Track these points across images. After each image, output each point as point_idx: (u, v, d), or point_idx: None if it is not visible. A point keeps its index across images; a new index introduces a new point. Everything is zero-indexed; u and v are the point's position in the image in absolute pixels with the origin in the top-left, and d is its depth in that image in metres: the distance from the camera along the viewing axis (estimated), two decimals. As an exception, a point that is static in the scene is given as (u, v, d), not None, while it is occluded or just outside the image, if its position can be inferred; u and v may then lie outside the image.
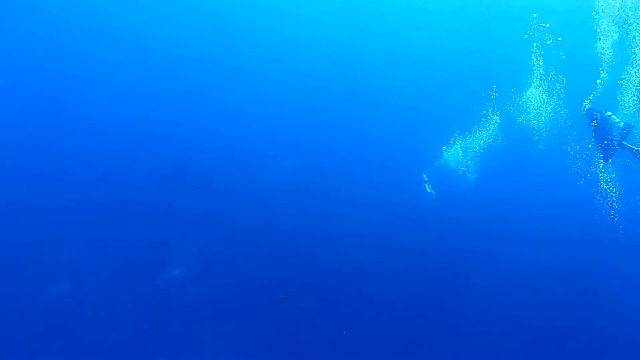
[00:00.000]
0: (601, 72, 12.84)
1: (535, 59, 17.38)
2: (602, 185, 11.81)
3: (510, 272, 15.87)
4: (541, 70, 17.47)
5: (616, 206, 11.90)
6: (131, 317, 11.73)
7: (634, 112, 11.66)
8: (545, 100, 18.16)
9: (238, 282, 13.03)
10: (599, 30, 13.02)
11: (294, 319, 12.51)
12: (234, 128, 17.71)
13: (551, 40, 16.94)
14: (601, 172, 11.43)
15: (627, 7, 12.58)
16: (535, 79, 17.38)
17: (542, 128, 17.65)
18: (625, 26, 12.44)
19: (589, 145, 11.90)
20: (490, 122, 18.52)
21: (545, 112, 17.91)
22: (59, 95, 16.42)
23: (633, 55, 11.93)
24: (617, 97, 11.95)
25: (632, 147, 10.65)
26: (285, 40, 20.16)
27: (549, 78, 17.42)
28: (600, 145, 10.88)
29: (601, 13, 13.25)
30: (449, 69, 21.68)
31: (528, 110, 18.17)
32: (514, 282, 15.39)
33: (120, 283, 12.23)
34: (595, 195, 11.88)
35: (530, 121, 18.33)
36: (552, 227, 18.12)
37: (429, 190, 18.39)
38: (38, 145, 14.78)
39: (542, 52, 16.68)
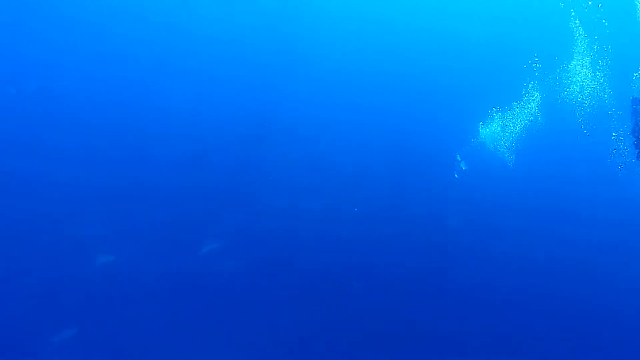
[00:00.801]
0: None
1: (575, 27, 16.51)
2: None
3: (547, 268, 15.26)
4: (583, 41, 16.63)
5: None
6: (172, 291, 11.93)
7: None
8: (589, 75, 17.33)
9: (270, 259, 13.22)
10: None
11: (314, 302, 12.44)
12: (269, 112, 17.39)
13: (590, 2, 15.81)
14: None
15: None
16: (578, 49, 16.56)
17: (586, 106, 16.72)
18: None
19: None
20: (530, 98, 17.82)
21: (589, 87, 17.11)
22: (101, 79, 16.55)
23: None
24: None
25: None
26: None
27: (594, 49, 16.58)
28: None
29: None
30: (485, 40, 20.74)
31: (570, 85, 17.40)
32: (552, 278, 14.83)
33: (161, 258, 12.41)
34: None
35: (573, 97, 17.55)
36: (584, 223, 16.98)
37: (464, 168, 17.84)
38: (77, 127, 14.95)
39: (582, 19, 15.84)
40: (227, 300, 11.93)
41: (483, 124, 18.36)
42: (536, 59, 17.15)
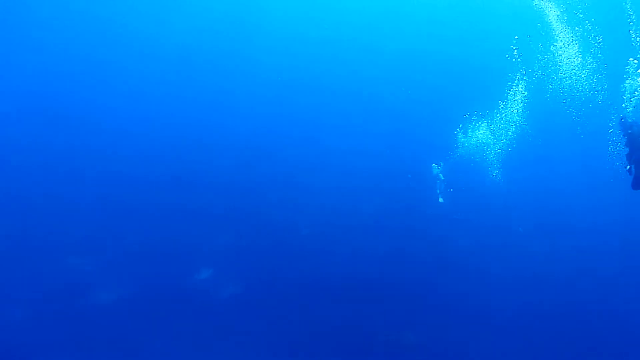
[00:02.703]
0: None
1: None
2: None
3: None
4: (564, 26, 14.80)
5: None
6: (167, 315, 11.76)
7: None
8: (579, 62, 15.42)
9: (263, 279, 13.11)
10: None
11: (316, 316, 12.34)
12: (260, 127, 17.37)
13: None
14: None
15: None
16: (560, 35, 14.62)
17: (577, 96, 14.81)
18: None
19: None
20: (515, 94, 15.66)
21: (580, 76, 15.18)
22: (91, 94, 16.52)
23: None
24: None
25: None
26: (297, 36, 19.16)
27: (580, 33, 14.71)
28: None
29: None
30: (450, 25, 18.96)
31: (559, 74, 15.44)
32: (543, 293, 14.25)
33: (155, 283, 12.25)
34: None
35: (563, 88, 15.59)
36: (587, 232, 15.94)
37: (441, 200, 15.88)
38: (63, 145, 14.89)
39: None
40: (224, 321, 11.89)
41: (466, 132, 16.24)
42: (514, 49, 15.15)
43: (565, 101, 15.94)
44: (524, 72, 15.50)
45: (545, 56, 15.44)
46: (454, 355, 12.36)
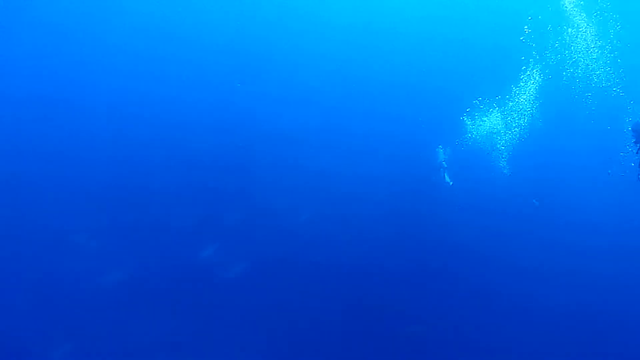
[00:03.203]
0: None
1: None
2: None
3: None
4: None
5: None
6: (173, 295, 11.73)
7: None
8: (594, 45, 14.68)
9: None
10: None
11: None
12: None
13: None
14: None
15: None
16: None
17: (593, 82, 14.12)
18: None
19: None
20: (529, 80, 14.78)
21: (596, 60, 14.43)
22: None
23: None
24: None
25: None
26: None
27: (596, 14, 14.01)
28: None
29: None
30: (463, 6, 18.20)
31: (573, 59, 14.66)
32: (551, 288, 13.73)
33: (161, 262, 12.19)
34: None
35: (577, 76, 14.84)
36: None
37: (448, 180, 15.25)
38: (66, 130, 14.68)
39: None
40: (229, 301, 11.79)
41: (474, 119, 15.35)
42: (527, 30, 14.34)
43: (588, 94, 15.16)
44: (538, 56, 14.70)
45: (557, 43, 14.73)
46: (459, 343, 12.09)
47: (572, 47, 14.59)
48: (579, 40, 14.41)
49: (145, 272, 11.79)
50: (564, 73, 14.99)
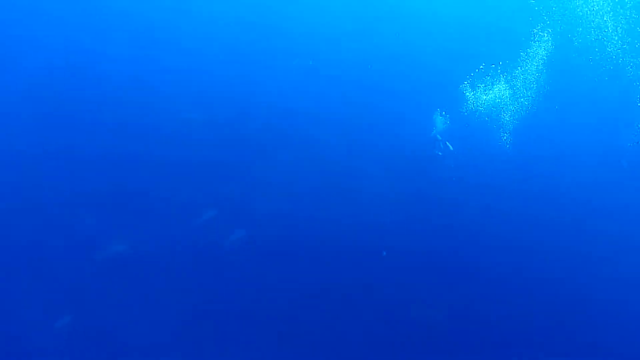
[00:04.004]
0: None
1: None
2: None
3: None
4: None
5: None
6: (172, 263, 11.66)
7: None
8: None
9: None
10: None
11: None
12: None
13: None
14: None
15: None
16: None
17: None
18: None
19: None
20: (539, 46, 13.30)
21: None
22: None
23: None
24: None
25: None
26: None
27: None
28: None
29: None
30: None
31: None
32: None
33: (158, 231, 12.11)
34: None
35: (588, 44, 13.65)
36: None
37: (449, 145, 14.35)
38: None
39: None
40: (228, 271, 11.69)
41: (475, 87, 13.88)
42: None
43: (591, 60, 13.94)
44: (549, 21, 13.28)
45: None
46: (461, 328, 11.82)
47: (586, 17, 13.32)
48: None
49: (143, 245, 11.70)
50: (572, 42, 13.69)
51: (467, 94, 13.63)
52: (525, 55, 13.10)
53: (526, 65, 13.15)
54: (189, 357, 10.20)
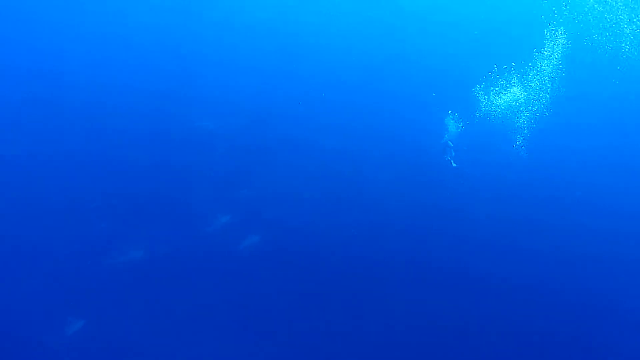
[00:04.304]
0: None
1: None
2: None
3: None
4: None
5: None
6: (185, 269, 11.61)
7: None
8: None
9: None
10: None
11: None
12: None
13: None
14: None
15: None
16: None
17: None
18: None
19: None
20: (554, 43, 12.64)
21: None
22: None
23: None
24: None
25: None
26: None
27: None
28: None
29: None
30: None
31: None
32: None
33: (172, 237, 12.08)
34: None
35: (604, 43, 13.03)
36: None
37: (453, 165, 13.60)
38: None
39: None
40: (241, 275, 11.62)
41: (489, 90, 13.20)
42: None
43: (617, 67, 13.29)
44: (562, 19, 12.67)
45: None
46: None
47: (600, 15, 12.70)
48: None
49: (159, 250, 11.74)
50: (586, 42, 13.07)
51: (481, 97, 12.96)
52: (540, 55, 12.44)
53: (541, 66, 12.49)
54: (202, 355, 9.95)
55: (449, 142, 13.86)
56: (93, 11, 18.40)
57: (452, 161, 13.47)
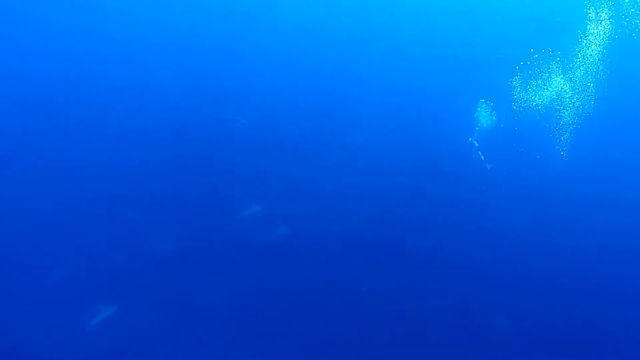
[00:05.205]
0: None
1: None
2: None
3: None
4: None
5: None
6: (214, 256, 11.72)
7: None
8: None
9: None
10: None
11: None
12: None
13: None
14: None
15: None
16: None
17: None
18: None
19: None
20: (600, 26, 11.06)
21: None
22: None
23: None
24: None
25: None
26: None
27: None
28: None
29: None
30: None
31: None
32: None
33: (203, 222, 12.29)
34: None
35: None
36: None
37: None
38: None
39: None
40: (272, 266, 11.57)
41: (527, 80, 11.60)
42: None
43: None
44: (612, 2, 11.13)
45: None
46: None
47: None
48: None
49: (189, 242, 11.84)
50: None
51: (516, 87, 11.41)
52: (584, 39, 10.85)
53: (585, 51, 10.92)
54: (231, 348, 9.99)
55: (475, 141, 12.84)
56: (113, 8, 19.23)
57: (481, 154, 12.53)
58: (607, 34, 11.01)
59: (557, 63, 11.07)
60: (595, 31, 10.98)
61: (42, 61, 17.16)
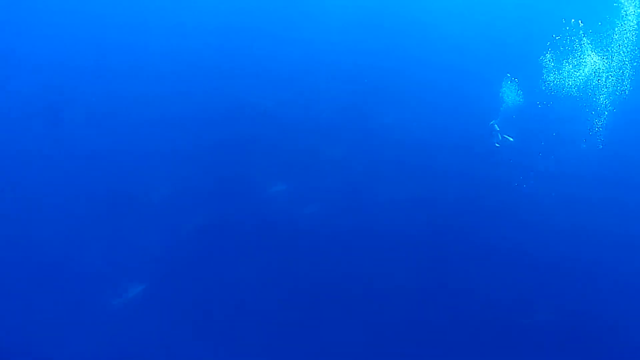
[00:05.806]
0: None
1: None
2: None
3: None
4: None
5: None
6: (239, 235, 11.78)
7: None
8: None
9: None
10: None
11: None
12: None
13: None
14: None
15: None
16: None
17: None
18: None
19: None
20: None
21: None
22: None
23: None
24: None
25: None
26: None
27: None
28: None
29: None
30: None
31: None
32: None
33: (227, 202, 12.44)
34: None
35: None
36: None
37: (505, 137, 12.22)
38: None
39: None
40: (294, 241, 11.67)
41: (559, 57, 10.58)
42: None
43: None
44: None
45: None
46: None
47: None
48: None
49: (219, 217, 12.01)
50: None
51: (547, 64, 10.43)
52: (623, 12, 9.83)
53: (622, 26, 9.89)
54: (263, 325, 9.91)
55: (495, 125, 12.28)
56: None
57: (500, 139, 12.12)
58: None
59: (587, 38, 10.01)
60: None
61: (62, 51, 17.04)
